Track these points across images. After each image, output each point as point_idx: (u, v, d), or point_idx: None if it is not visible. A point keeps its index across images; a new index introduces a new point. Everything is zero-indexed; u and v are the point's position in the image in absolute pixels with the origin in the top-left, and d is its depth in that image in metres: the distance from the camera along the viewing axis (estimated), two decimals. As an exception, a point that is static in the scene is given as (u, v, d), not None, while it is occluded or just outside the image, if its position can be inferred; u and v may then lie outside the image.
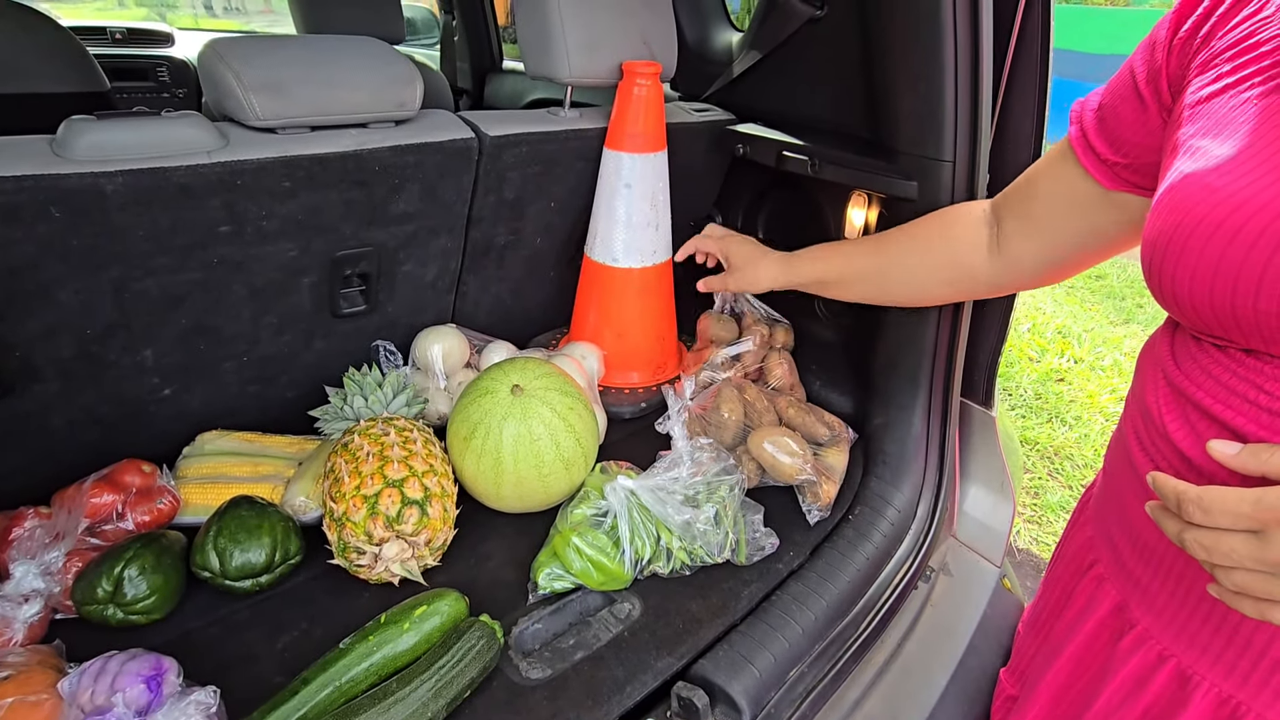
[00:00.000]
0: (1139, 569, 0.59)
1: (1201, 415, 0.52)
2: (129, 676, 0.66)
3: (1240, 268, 0.46)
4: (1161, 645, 0.57)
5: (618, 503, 0.94)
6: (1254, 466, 0.43)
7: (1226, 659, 0.53)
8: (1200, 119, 0.53)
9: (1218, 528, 0.42)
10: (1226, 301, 0.47)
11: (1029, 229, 0.76)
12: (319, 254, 1.04)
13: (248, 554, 0.86)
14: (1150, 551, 0.58)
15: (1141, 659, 0.59)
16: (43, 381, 0.92)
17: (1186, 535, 0.44)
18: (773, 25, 1.32)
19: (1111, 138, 0.65)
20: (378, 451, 0.89)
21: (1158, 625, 0.58)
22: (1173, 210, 0.51)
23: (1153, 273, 0.53)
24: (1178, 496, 0.44)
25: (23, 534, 0.84)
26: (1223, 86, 0.52)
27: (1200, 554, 0.44)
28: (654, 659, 0.84)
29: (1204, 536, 0.43)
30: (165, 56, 2.58)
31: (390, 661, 0.76)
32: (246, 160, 0.89)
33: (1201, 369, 0.53)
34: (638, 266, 1.29)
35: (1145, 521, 0.57)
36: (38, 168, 0.77)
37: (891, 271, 0.93)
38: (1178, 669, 0.56)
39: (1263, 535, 0.40)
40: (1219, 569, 0.43)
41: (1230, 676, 0.53)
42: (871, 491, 1.16)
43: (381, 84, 1.00)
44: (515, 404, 0.95)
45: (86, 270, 0.86)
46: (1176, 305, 0.52)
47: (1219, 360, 0.51)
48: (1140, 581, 0.59)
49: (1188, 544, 0.44)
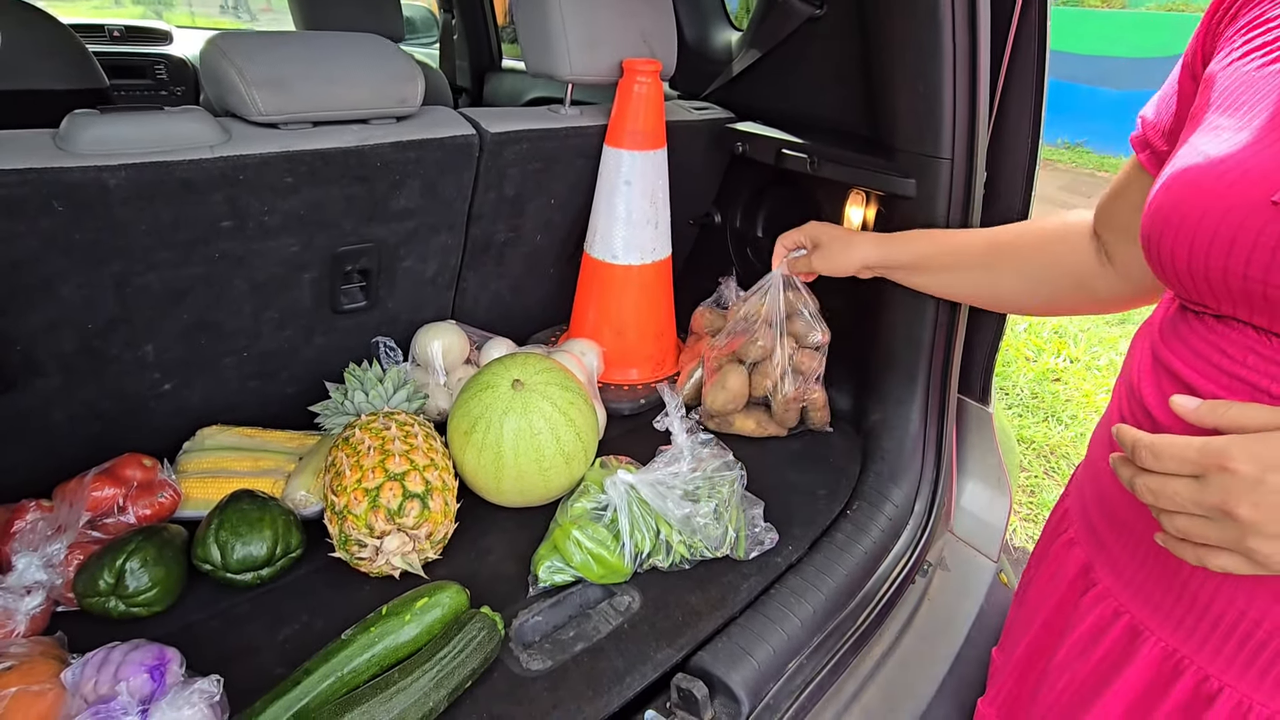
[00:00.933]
0: (1105, 532, 0.62)
1: (1171, 378, 0.55)
2: (132, 666, 0.67)
3: (1215, 231, 0.47)
4: (1118, 602, 0.60)
5: (618, 497, 0.95)
6: (1210, 420, 0.45)
7: (1175, 615, 0.55)
8: (1210, 92, 0.54)
9: (1165, 473, 0.45)
10: (1219, 269, 0.49)
11: (1125, 239, 0.74)
12: (320, 249, 1.05)
13: (249, 547, 0.87)
14: (1115, 514, 0.61)
15: (1099, 614, 0.62)
16: (44, 376, 0.92)
17: (1137, 480, 0.47)
18: (772, 24, 1.33)
19: (1165, 132, 0.64)
20: (379, 445, 0.90)
21: (1117, 584, 0.60)
22: (1174, 182, 0.52)
23: (1151, 243, 0.54)
24: (1134, 443, 0.47)
25: (24, 526, 0.84)
26: (1231, 60, 0.53)
27: (1148, 498, 0.46)
28: (654, 651, 0.85)
29: (1152, 481, 0.46)
30: (163, 54, 2.58)
31: (392, 652, 0.77)
32: (249, 155, 0.89)
33: (1179, 338, 0.55)
34: (637, 264, 1.29)
35: (1114, 487, 0.60)
36: (41, 161, 0.78)
37: (1005, 264, 0.88)
38: (1130, 624, 0.59)
39: (1203, 480, 0.43)
40: (1164, 514, 0.46)
41: (1176, 631, 0.55)
42: (869, 487, 1.16)
43: (383, 80, 1.00)
44: (516, 398, 0.96)
45: (89, 265, 0.87)
46: (1173, 274, 0.53)
47: (1195, 329, 0.54)
48: (1105, 543, 0.62)
49: (1138, 488, 0.47)
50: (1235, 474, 0.41)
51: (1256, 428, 0.43)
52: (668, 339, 1.41)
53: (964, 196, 1.07)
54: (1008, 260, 0.88)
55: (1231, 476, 0.42)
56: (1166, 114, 0.64)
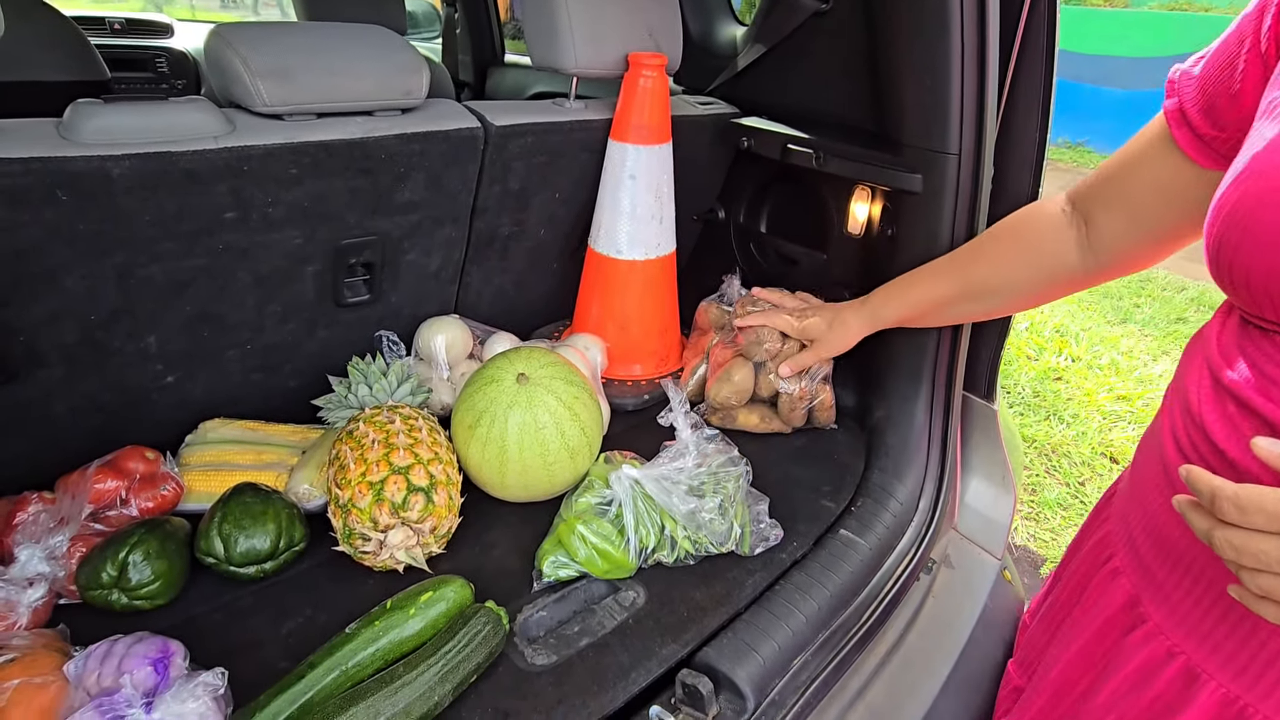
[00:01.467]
0: (1156, 564, 0.58)
1: (1241, 409, 0.49)
2: (136, 659, 0.66)
3: None
4: (1171, 641, 0.56)
5: (623, 492, 0.94)
6: None
7: (1238, 660, 0.51)
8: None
9: (1251, 528, 0.40)
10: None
11: (1124, 220, 0.71)
12: (324, 242, 1.04)
13: (252, 540, 0.86)
14: (1169, 547, 0.56)
15: (1150, 654, 0.58)
16: (46, 367, 0.92)
17: (1216, 533, 0.42)
18: (777, 18, 1.32)
19: (1213, 109, 0.59)
20: (383, 439, 0.89)
21: (1170, 621, 0.56)
22: (1253, 176, 0.47)
23: (1215, 243, 0.49)
24: (1212, 492, 0.42)
25: (27, 518, 0.83)
26: None
27: (1229, 554, 0.42)
28: (659, 646, 0.84)
29: (1235, 536, 0.41)
30: (164, 47, 2.57)
31: (396, 646, 0.76)
32: (253, 146, 0.89)
33: (1247, 359, 0.50)
34: (641, 259, 1.29)
35: (1168, 517, 0.56)
36: (44, 150, 0.77)
37: (984, 291, 0.90)
38: (1186, 666, 0.55)
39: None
40: (1245, 570, 0.41)
41: (1239, 678, 0.51)
42: (873, 484, 1.16)
43: (388, 72, 0.99)
44: (521, 392, 0.95)
45: (92, 255, 0.86)
46: (1232, 282, 0.49)
47: (1265, 350, 0.49)
48: (1156, 577, 0.58)
49: (1216, 542, 0.42)
50: None
51: None
52: (671, 335, 1.40)
53: (971, 192, 1.06)
54: (982, 278, 0.90)
55: None
56: (1220, 95, 0.57)
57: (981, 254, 0.90)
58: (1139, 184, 0.68)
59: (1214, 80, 0.58)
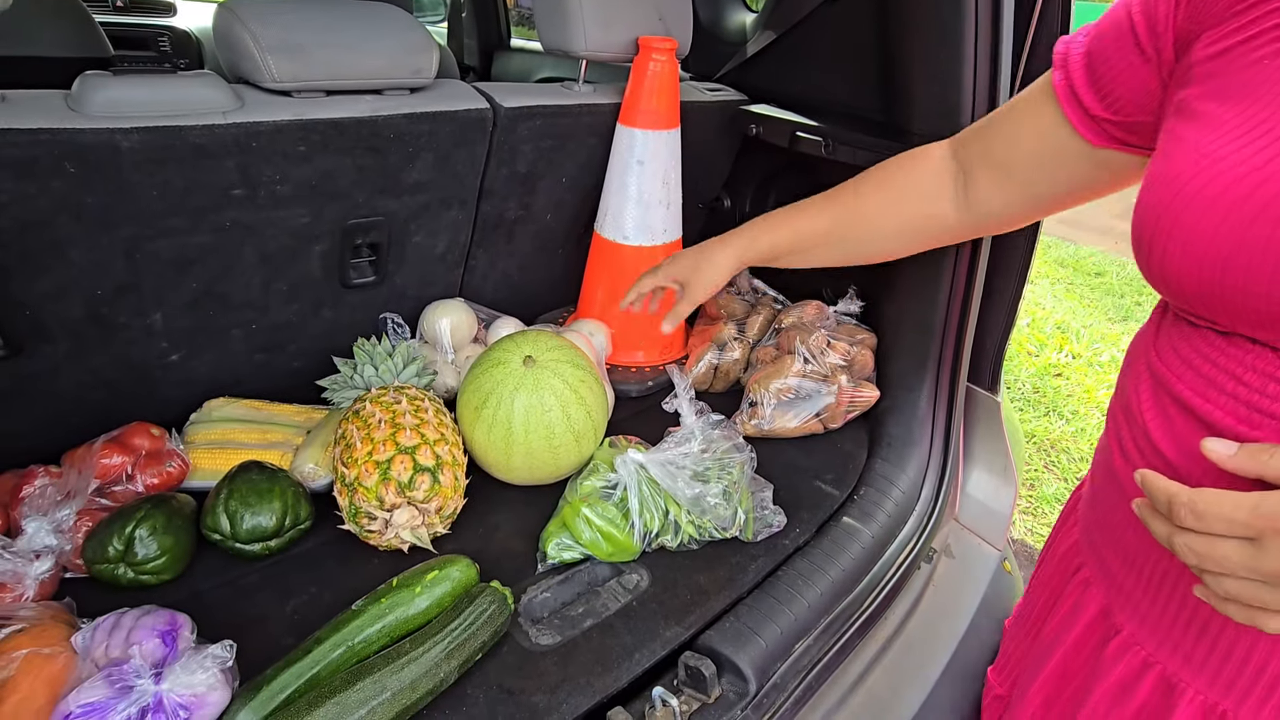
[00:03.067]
0: (1122, 574, 0.58)
1: (1180, 410, 0.49)
2: (144, 631, 0.66)
3: (1236, 244, 0.43)
4: (1146, 651, 0.56)
5: (628, 475, 0.94)
6: (1252, 468, 0.40)
7: (1211, 666, 0.51)
8: (1207, 79, 0.48)
9: (1210, 533, 0.40)
10: (1215, 279, 0.44)
11: (1003, 180, 0.72)
12: (331, 221, 1.04)
13: (258, 517, 0.86)
14: (1132, 557, 0.56)
15: (1127, 665, 0.57)
16: (52, 342, 0.92)
17: (1176, 539, 0.42)
18: (788, 6, 1.32)
19: (1102, 91, 0.59)
20: (390, 418, 0.89)
21: (1142, 631, 0.56)
22: (1172, 179, 0.47)
23: (1143, 246, 0.50)
24: (1168, 498, 0.41)
25: (33, 492, 0.83)
26: (1235, 43, 0.47)
27: (1190, 559, 0.41)
28: (662, 628, 0.85)
29: (1195, 542, 0.40)
30: (167, 26, 2.55)
31: (403, 624, 0.77)
32: (262, 122, 0.88)
33: (1182, 359, 0.50)
34: (648, 245, 1.28)
35: (1127, 526, 0.56)
36: (53, 122, 0.77)
37: (854, 233, 0.86)
38: (1163, 676, 0.55)
39: (1259, 543, 0.38)
40: (1208, 575, 0.41)
41: (1215, 684, 0.51)
42: (876, 473, 1.16)
43: (398, 50, 0.99)
44: (527, 375, 0.95)
45: (99, 229, 0.86)
46: (1164, 281, 0.49)
47: (1200, 349, 0.49)
48: (1124, 587, 0.58)
49: (1177, 548, 0.42)
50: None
51: None
52: (676, 322, 1.40)
53: (981, 183, 1.06)
54: (852, 218, 0.86)
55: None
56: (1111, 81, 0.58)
57: (858, 193, 0.86)
58: (1024, 151, 0.68)
59: (1101, 62, 0.59)
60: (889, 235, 0.85)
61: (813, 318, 1.26)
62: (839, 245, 0.89)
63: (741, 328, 1.34)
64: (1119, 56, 0.57)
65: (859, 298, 1.28)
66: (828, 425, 1.21)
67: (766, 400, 1.18)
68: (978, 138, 0.75)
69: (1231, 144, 0.44)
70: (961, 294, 1.13)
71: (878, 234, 0.85)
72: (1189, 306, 0.49)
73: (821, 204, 0.89)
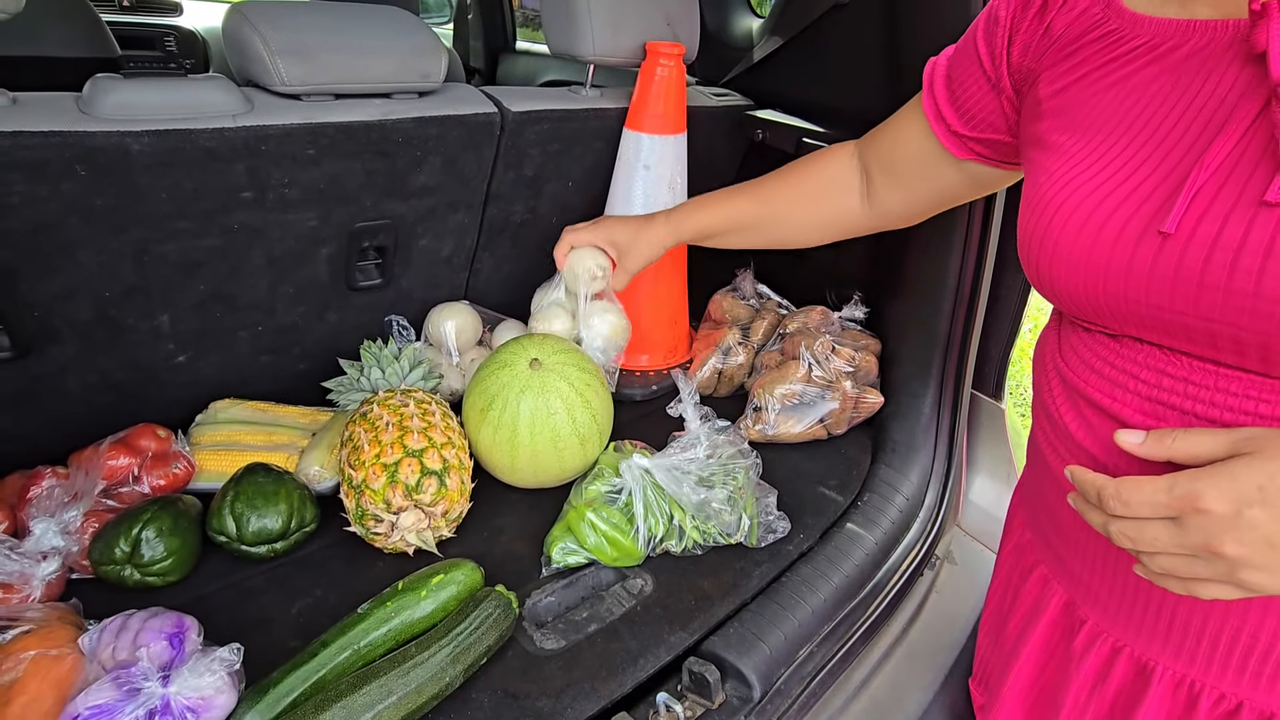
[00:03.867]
0: (1079, 568, 0.60)
1: (1093, 409, 0.53)
2: (151, 633, 0.67)
3: (1108, 260, 0.47)
4: (1114, 637, 0.58)
5: (633, 480, 0.94)
6: (1159, 453, 0.44)
7: (1173, 642, 0.54)
8: (1055, 114, 0.54)
9: (1138, 517, 0.43)
10: (1098, 291, 0.49)
11: (893, 183, 0.80)
12: (338, 224, 1.04)
13: (264, 520, 0.87)
14: (1083, 548, 0.59)
15: (1098, 653, 0.60)
16: (60, 343, 0.92)
17: (1111, 527, 0.45)
18: (795, 11, 1.32)
19: (961, 110, 0.66)
20: (397, 422, 0.89)
21: (1106, 619, 0.58)
22: (1041, 206, 0.52)
23: (1030, 264, 0.54)
24: (1097, 490, 0.45)
25: (41, 493, 0.84)
26: (1073, 81, 0.53)
27: (1125, 543, 0.45)
28: (666, 634, 0.85)
29: (1127, 527, 0.44)
30: (173, 26, 2.56)
31: (408, 628, 0.77)
32: (271, 126, 0.89)
33: (1084, 363, 0.54)
34: (653, 249, 1.28)
35: (1072, 519, 0.58)
36: (65, 124, 0.77)
37: (776, 220, 0.93)
38: (1133, 658, 0.57)
39: (1180, 522, 0.42)
40: (1144, 554, 0.45)
41: (1179, 658, 0.54)
42: (880, 478, 1.16)
43: (407, 54, 0.99)
44: (533, 377, 0.95)
45: (108, 231, 0.86)
46: (1054, 294, 0.54)
47: (1098, 353, 0.53)
48: (1082, 580, 0.60)
49: (1113, 535, 0.45)
50: (1210, 514, 0.40)
51: (1207, 454, 0.42)
52: (680, 326, 1.41)
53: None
54: (774, 206, 0.92)
55: (1207, 517, 0.40)
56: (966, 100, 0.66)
57: (783, 184, 0.92)
58: (903, 158, 0.76)
59: (958, 83, 0.66)
60: (807, 225, 0.92)
61: (817, 323, 1.26)
62: (763, 230, 0.96)
63: (746, 332, 1.34)
64: (970, 79, 0.65)
65: (863, 303, 1.28)
66: (832, 431, 1.22)
67: (771, 405, 1.18)
68: (872, 142, 0.83)
69: (1084, 173, 0.50)
70: (966, 300, 1.14)
71: (798, 223, 0.92)
72: (1081, 314, 0.53)
73: (751, 192, 0.95)
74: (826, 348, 1.19)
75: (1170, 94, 0.47)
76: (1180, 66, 0.47)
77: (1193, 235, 0.43)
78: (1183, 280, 0.44)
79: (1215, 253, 0.42)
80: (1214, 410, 0.46)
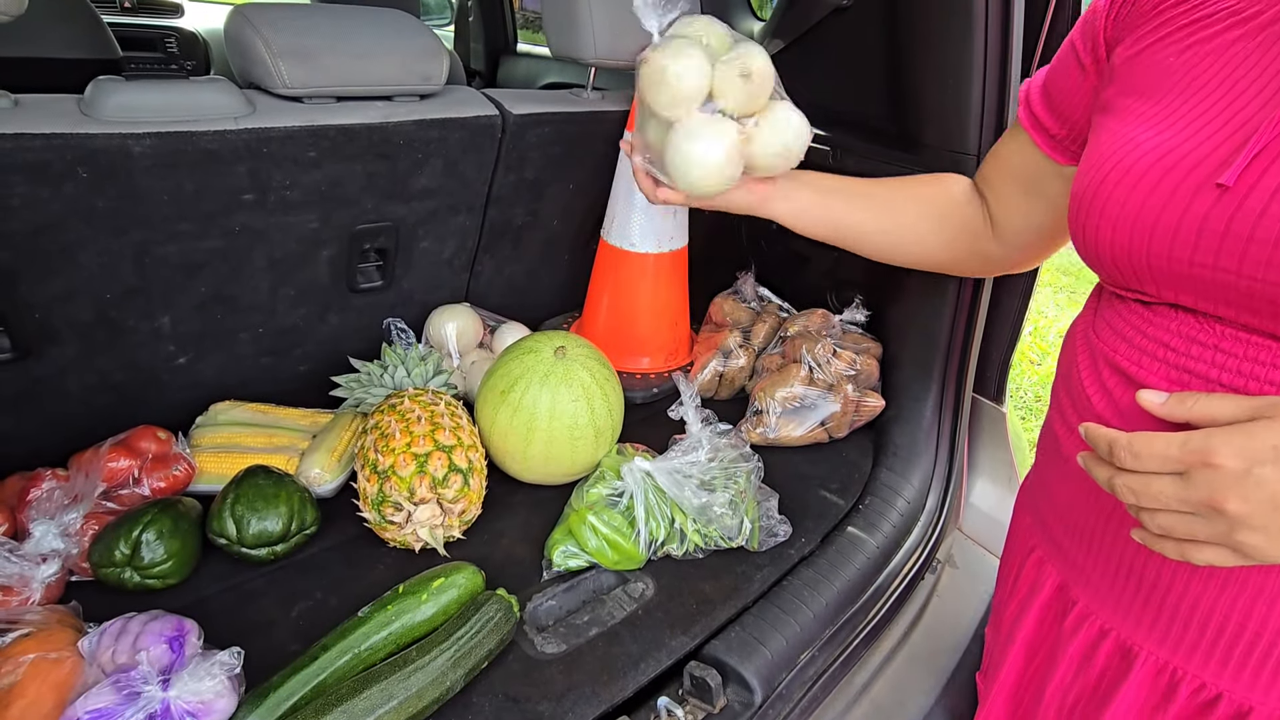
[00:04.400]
0: (1074, 550, 0.61)
1: (1117, 377, 0.54)
2: (151, 636, 0.66)
3: (1158, 218, 0.48)
4: (1102, 620, 0.59)
5: (634, 483, 0.94)
6: (1179, 413, 0.45)
7: (1159, 628, 0.55)
8: (1126, 76, 0.55)
9: (1146, 471, 0.44)
10: (1143, 250, 0.49)
11: (1009, 206, 0.77)
12: (339, 226, 1.04)
13: (265, 522, 0.86)
14: (1081, 530, 0.60)
15: (1085, 635, 0.60)
16: (60, 345, 0.92)
17: (1117, 480, 0.46)
18: (797, 14, 1.32)
19: (1057, 111, 0.67)
20: (429, 417, 0.91)
21: (1095, 601, 0.59)
22: (1098, 164, 0.53)
23: (1077, 225, 0.55)
24: (1109, 443, 0.46)
25: (41, 494, 0.83)
26: (1148, 45, 0.54)
27: (1129, 497, 0.45)
28: (668, 638, 0.85)
29: (1133, 481, 0.45)
30: (174, 27, 2.56)
31: (409, 631, 0.76)
32: (273, 128, 0.89)
33: (1116, 333, 0.55)
34: (654, 252, 1.28)
35: (1073, 502, 0.59)
36: (66, 127, 0.77)
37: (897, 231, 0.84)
38: (1118, 641, 0.58)
39: (1187, 476, 0.42)
40: (1144, 512, 0.45)
41: (1164, 644, 0.55)
42: (881, 482, 1.16)
43: (409, 57, 0.99)
44: (558, 365, 0.97)
45: (109, 233, 0.86)
46: (1097, 255, 0.54)
47: (1131, 322, 0.54)
48: (1075, 561, 0.61)
49: (1117, 488, 0.46)
50: (1221, 469, 0.40)
51: (1227, 418, 0.43)
52: (681, 329, 1.40)
53: (988, 194, 1.06)
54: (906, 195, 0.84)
55: (1217, 471, 0.41)
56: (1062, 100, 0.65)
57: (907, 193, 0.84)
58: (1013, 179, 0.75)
59: (1054, 86, 0.67)
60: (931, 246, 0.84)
61: (818, 326, 1.26)
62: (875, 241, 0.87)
63: (747, 335, 1.34)
64: (1065, 77, 0.65)
65: (865, 306, 1.28)
66: (833, 434, 1.21)
67: (772, 408, 1.18)
68: (987, 170, 0.80)
69: (1147, 131, 0.51)
70: (968, 303, 1.14)
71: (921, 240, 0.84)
72: (1120, 279, 0.54)
73: (868, 195, 0.85)
74: (828, 351, 1.19)
75: (1250, 56, 0.48)
76: (1265, 30, 0.47)
77: (1252, 189, 0.43)
78: (1232, 235, 0.44)
79: (1272, 205, 0.42)
80: (1240, 379, 0.47)
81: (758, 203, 0.82)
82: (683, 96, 0.66)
